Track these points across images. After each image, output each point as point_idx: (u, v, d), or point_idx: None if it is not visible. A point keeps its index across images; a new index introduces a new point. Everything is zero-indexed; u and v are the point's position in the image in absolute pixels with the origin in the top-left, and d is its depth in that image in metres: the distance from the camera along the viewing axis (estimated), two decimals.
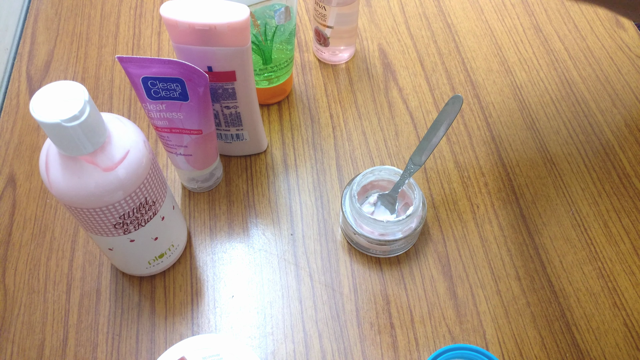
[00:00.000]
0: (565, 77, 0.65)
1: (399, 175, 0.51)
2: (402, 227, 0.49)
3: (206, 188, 0.56)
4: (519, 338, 0.48)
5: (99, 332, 0.48)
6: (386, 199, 0.53)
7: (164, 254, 0.48)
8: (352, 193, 0.50)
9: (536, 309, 0.49)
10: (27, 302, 0.50)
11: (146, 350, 0.47)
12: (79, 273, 0.51)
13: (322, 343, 0.48)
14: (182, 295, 0.50)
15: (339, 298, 0.50)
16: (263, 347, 0.48)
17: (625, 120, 0.62)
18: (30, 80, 0.65)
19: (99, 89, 0.64)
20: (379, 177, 0.52)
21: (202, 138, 0.49)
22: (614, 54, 0.67)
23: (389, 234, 0.49)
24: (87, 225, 0.42)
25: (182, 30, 0.44)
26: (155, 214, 0.44)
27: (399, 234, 0.49)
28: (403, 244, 0.50)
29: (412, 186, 0.51)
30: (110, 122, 0.39)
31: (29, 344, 0.48)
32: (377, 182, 0.53)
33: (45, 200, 0.55)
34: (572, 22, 0.71)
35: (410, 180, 0.51)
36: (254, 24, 0.52)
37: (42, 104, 0.34)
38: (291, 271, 0.51)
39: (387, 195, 0.53)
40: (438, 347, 0.48)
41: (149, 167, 0.41)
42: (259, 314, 0.49)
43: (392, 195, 0.52)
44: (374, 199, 0.53)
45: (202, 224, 0.54)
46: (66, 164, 0.37)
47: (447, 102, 0.52)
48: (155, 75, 0.43)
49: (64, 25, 0.70)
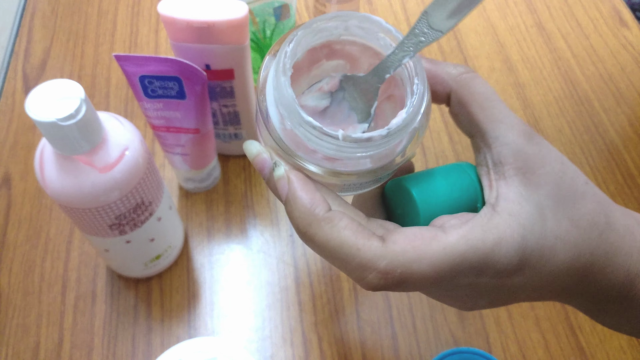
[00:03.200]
0: (569, 75, 0.65)
1: (395, 40, 0.26)
2: (374, 151, 0.24)
3: (204, 188, 0.55)
4: (522, 341, 0.47)
5: (94, 334, 0.47)
6: (358, 88, 0.27)
7: (160, 256, 0.48)
8: (282, 62, 0.24)
9: (540, 311, 0.49)
10: (22, 304, 0.49)
11: (142, 353, 0.47)
12: (74, 274, 0.50)
13: (321, 346, 0.47)
14: (178, 298, 0.49)
15: (339, 301, 0.49)
16: (261, 350, 0.47)
17: (629, 120, 0.61)
18: (26, 78, 0.64)
19: (96, 87, 0.63)
20: (350, 33, 0.27)
21: (200, 137, 0.48)
22: (617, 52, 0.67)
23: (345, 160, 0.25)
24: (82, 226, 0.41)
25: (179, 27, 0.43)
26: (152, 215, 0.43)
27: (366, 161, 0.25)
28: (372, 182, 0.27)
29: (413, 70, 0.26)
30: (107, 121, 0.38)
31: (23, 347, 0.47)
32: (344, 47, 0.28)
33: (40, 201, 0.55)
34: (575, 20, 0.70)
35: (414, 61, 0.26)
36: (252, 21, 0.52)
37: (38, 103, 0.33)
38: (290, 273, 0.51)
39: (360, 81, 0.27)
40: (440, 351, 0.47)
41: (145, 167, 0.40)
42: (257, 317, 0.49)
43: (371, 82, 0.26)
44: (333, 84, 0.27)
45: (199, 225, 0.54)
46: (61, 163, 0.37)
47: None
48: (152, 74, 0.42)
49: (61, 23, 0.69)
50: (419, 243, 0.24)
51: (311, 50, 0.27)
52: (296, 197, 0.24)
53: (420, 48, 0.25)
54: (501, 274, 0.24)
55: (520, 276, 0.25)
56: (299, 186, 0.25)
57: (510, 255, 0.24)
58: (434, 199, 0.27)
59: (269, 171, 0.26)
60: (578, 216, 0.25)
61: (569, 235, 0.25)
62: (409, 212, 0.28)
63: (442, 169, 0.28)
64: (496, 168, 0.26)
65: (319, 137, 0.23)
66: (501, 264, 0.24)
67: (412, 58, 0.25)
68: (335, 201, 0.25)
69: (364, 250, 0.23)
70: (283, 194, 0.25)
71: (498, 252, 0.24)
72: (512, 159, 0.25)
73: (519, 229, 0.24)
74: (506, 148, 0.25)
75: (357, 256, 0.23)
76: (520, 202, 0.25)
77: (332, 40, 0.27)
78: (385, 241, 0.24)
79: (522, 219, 0.24)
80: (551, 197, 0.25)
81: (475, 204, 0.27)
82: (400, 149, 0.26)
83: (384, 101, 0.29)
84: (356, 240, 0.24)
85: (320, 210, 0.24)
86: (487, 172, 0.26)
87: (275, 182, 0.25)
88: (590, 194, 0.26)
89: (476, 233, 0.24)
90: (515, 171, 0.25)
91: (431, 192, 0.27)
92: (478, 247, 0.24)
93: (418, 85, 0.25)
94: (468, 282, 0.25)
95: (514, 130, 0.25)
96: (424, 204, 0.27)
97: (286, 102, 0.24)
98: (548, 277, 0.25)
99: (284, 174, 0.25)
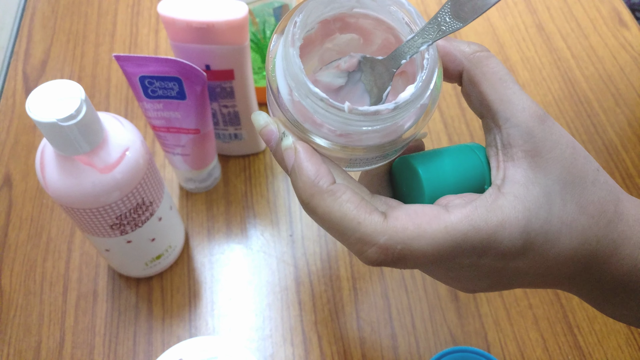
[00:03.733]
0: (568, 76, 0.65)
1: (416, 24, 0.26)
2: (381, 125, 0.24)
3: (204, 188, 0.55)
4: (520, 340, 0.48)
5: (95, 334, 0.48)
6: (375, 71, 0.27)
7: (161, 255, 0.48)
8: (292, 32, 0.24)
9: (538, 310, 0.49)
10: (24, 304, 0.49)
11: (143, 353, 0.47)
12: (75, 274, 0.51)
13: (321, 346, 0.47)
14: (179, 297, 0.49)
15: (338, 300, 0.49)
16: (262, 349, 0.47)
17: (629, 120, 0.61)
18: (26, 79, 0.64)
19: (96, 88, 0.63)
20: (362, 5, 0.27)
21: (200, 137, 0.48)
22: (617, 52, 0.67)
23: (352, 134, 0.24)
24: (83, 226, 0.41)
25: (179, 28, 0.43)
26: (152, 215, 0.43)
27: (374, 135, 0.25)
28: (379, 158, 0.27)
29: (425, 58, 0.25)
30: (107, 121, 0.38)
31: (25, 346, 0.47)
32: (358, 20, 0.28)
33: (41, 201, 0.55)
34: (575, 21, 0.70)
35: (433, 50, 0.25)
36: (252, 21, 0.52)
37: (38, 103, 0.33)
38: (290, 273, 0.51)
39: (377, 64, 0.27)
40: (439, 350, 0.47)
41: (146, 167, 0.40)
42: (257, 317, 0.49)
43: (387, 66, 0.26)
44: (351, 63, 0.27)
45: (199, 225, 0.54)
46: (62, 163, 0.37)
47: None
48: (152, 74, 0.42)
49: (61, 24, 0.69)
50: (420, 220, 0.23)
51: (324, 22, 0.27)
52: (301, 168, 0.24)
53: (440, 37, 0.25)
54: (504, 256, 0.24)
55: (524, 259, 0.24)
56: (305, 157, 0.25)
57: (514, 237, 0.24)
58: (440, 178, 0.27)
59: (276, 142, 0.26)
60: (586, 203, 0.25)
61: (575, 222, 0.24)
62: (414, 190, 0.28)
63: (451, 149, 0.28)
64: (505, 150, 0.26)
65: (325, 109, 0.23)
66: (504, 246, 0.24)
67: (430, 47, 0.25)
68: (340, 175, 0.25)
69: (364, 224, 0.23)
70: (289, 164, 0.25)
71: (501, 234, 0.23)
72: (521, 141, 0.25)
73: (524, 211, 0.24)
74: (516, 130, 0.25)
75: (358, 230, 0.23)
76: (527, 185, 0.24)
77: (345, 12, 0.27)
78: (387, 217, 0.24)
79: (528, 202, 0.24)
80: (559, 182, 0.24)
81: (482, 185, 0.27)
82: (409, 125, 0.25)
83: (396, 77, 0.28)
84: (357, 214, 0.23)
85: (324, 182, 0.24)
86: (495, 153, 0.26)
87: (282, 153, 0.25)
88: (601, 182, 0.25)
89: (479, 213, 0.24)
90: (524, 154, 0.25)
91: (437, 170, 0.27)
92: (480, 228, 0.23)
93: (429, 60, 0.25)
94: (469, 263, 0.24)
95: (526, 112, 0.25)
96: (430, 182, 0.27)
97: (294, 72, 0.24)
98: (552, 263, 0.25)
99: (292, 144, 0.25)
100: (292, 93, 0.24)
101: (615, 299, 0.28)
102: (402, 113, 0.24)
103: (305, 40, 0.26)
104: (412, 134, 0.26)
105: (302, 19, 0.25)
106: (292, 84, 0.24)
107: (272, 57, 0.25)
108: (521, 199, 0.24)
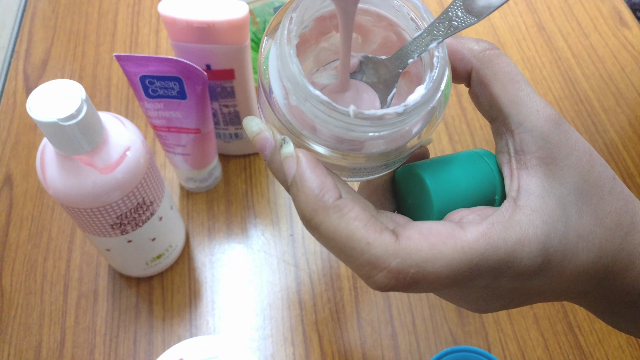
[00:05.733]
0: (569, 75, 0.65)
1: (424, 20, 0.24)
2: (388, 130, 0.22)
3: (204, 188, 0.55)
4: (521, 340, 0.47)
5: (96, 333, 0.48)
6: (377, 72, 0.25)
7: (161, 255, 0.48)
8: (287, 28, 0.22)
9: (539, 310, 0.49)
10: (24, 303, 0.49)
11: (144, 352, 0.47)
12: (76, 274, 0.51)
13: (322, 345, 0.47)
14: (180, 297, 0.50)
15: (339, 300, 0.49)
16: (262, 349, 0.47)
17: (629, 120, 0.61)
18: (27, 78, 0.64)
19: (96, 87, 0.63)
20: (366, 0, 0.24)
21: (201, 137, 0.48)
22: (617, 52, 0.67)
23: (355, 140, 0.22)
24: (84, 226, 0.41)
25: (180, 28, 0.43)
26: (153, 214, 0.43)
27: (378, 142, 0.23)
28: (383, 167, 0.24)
29: (435, 56, 0.23)
30: (108, 121, 0.38)
31: (25, 346, 0.47)
32: (357, 17, 0.25)
33: (42, 200, 0.55)
34: (576, 20, 0.70)
35: (442, 48, 0.23)
36: (252, 21, 0.52)
37: (39, 103, 0.33)
38: (291, 272, 0.51)
39: (380, 65, 0.25)
40: (440, 349, 0.47)
41: (146, 167, 0.40)
42: (258, 316, 0.49)
43: (391, 67, 0.24)
44: (352, 64, 0.25)
45: (200, 225, 0.54)
46: (63, 163, 0.37)
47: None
48: (153, 74, 0.42)
49: (61, 24, 0.69)
50: (434, 240, 0.21)
51: (320, 19, 0.25)
52: (304, 180, 0.22)
53: (451, 34, 0.22)
54: (522, 275, 0.22)
55: (541, 278, 0.23)
56: (309, 167, 0.22)
57: (533, 255, 0.22)
58: (449, 189, 0.25)
59: (271, 151, 0.23)
60: (603, 214, 0.23)
61: (592, 235, 0.23)
62: (421, 203, 0.26)
63: (459, 156, 0.26)
64: (518, 156, 0.24)
65: (327, 114, 0.21)
66: (523, 265, 0.22)
67: (440, 44, 0.23)
68: (344, 188, 0.23)
69: (374, 245, 0.21)
70: (290, 174, 0.22)
71: (520, 252, 0.22)
72: (535, 147, 0.23)
73: (543, 226, 0.22)
74: (530, 135, 0.23)
75: (367, 252, 0.21)
76: (543, 196, 0.22)
77: None
78: (398, 237, 0.21)
79: (546, 216, 0.22)
80: (575, 192, 0.23)
81: (493, 195, 0.25)
82: (417, 131, 0.23)
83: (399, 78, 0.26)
84: (366, 234, 0.21)
85: (329, 197, 0.22)
86: (508, 161, 0.24)
87: (279, 162, 0.23)
88: (617, 191, 0.24)
89: (497, 230, 0.22)
90: (538, 161, 0.23)
91: (446, 181, 0.25)
92: (499, 247, 0.21)
93: (439, 58, 0.22)
94: (485, 284, 0.23)
95: (539, 116, 0.23)
96: (438, 194, 0.25)
97: (291, 74, 0.21)
98: (568, 279, 0.23)
99: (294, 152, 0.22)
100: (289, 96, 0.22)
101: (627, 313, 0.26)
102: (411, 117, 0.22)
103: (300, 39, 0.24)
104: (419, 140, 0.24)
105: (298, 14, 0.22)
106: (289, 87, 0.21)
107: (264, 58, 0.23)
108: (539, 212, 0.22)
